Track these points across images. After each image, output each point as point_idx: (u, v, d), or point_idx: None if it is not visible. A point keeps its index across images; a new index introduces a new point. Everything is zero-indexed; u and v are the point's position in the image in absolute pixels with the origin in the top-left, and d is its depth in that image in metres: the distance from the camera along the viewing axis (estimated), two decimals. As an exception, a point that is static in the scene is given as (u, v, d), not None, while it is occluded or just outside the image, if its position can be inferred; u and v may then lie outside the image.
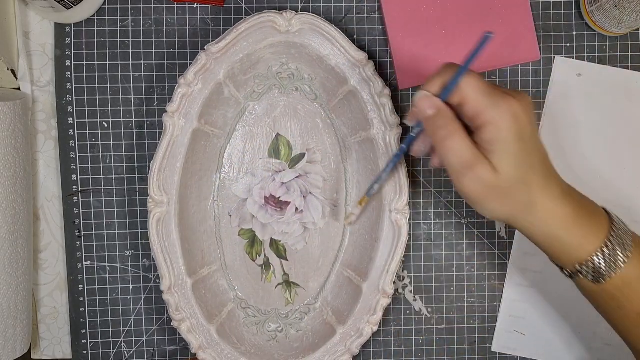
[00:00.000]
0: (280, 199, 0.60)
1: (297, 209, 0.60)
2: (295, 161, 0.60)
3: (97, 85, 0.59)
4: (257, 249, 0.60)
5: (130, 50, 0.59)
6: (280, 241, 0.60)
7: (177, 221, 0.56)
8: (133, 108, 0.60)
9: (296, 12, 0.55)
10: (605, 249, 0.46)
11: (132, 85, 0.60)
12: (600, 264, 0.46)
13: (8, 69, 0.57)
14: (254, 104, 0.59)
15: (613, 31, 0.59)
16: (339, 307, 0.59)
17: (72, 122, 0.59)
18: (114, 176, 0.60)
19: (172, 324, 0.56)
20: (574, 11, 0.61)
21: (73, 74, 0.59)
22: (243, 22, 0.55)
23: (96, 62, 0.59)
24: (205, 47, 0.55)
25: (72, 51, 0.59)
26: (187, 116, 0.55)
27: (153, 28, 0.59)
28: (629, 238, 0.47)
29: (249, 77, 0.58)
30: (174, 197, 0.56)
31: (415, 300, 0.62)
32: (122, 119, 0.60)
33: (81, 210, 0.60)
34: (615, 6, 0.55)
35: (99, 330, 0.61)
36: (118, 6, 0.59)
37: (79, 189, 0.60)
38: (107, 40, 0.59)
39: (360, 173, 0.59)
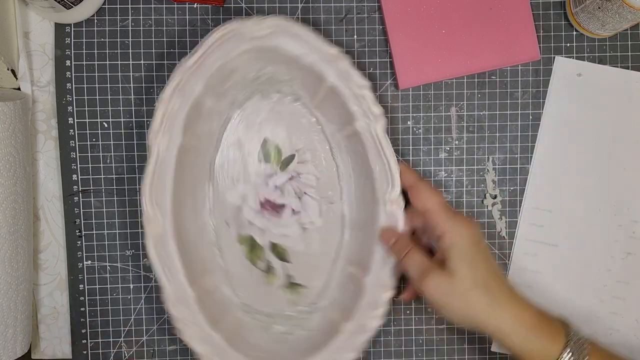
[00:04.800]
0: (275, 203, 0.60)
1: (293, 210, 0.60)
2: (286, 163, 0.60)
3: (97, 85, 0.59)
4: (258, 254, 0.60)
5: (130, 50, 0.59)
6: (280, 244, 0.60)
7: (175, 238, 0.55)
8: (133, 108, 0.60)
9: (263, 15, 0.54)
10: (564, 356, 0.49)
11: (132, 85, 0.60)
12: None
13: (8, 69, 0.57)
14: (238, 111, 0.59)
15: (597, 33, 0.59)
16: (343, 304, 0.58)
17: (72, 122, 0.59)
18: (114, 176, 0.60)
19: (178, 334, 0.56)
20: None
21: (73, 74, 0.59)
22: (209, 35, 0.54)
23: (96, 62, 0.59)
24: (180, 61, 0.54)
25: (72, 51, 0.59)
26: (172, 133, 0.54)
27: (153, 28, 0.59)
28: (586, 348, 0.49)
29: (227, 86, 0.57)
30: (168, 217, 0.55)
31: (416, 299, 0.62)
32: (122, 119, 0.60)
33: (81, 210, 0.60)
34: (599, 8, 0.55)
35: (99, 330, 0.61)
36: (118, 6, 0.59)
37: (79, 189, 0.60)
38: (107, 40, 0.59)
39: (352, 167, 0.59)
